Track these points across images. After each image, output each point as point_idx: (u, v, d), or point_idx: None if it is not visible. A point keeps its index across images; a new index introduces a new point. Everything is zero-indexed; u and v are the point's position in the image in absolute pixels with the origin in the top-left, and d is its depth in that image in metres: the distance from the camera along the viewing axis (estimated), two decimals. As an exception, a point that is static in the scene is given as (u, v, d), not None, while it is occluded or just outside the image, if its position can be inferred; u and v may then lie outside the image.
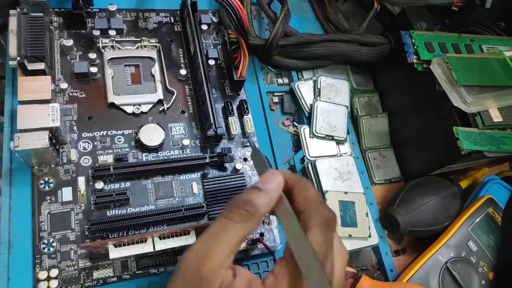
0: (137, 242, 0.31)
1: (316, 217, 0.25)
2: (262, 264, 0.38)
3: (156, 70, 0.42)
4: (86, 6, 0.42)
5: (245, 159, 0.42)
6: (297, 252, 0.24)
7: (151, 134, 0.38)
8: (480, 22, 0.48)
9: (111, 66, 0.41)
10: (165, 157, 0.39)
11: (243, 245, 0.37)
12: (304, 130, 0.46)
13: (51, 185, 0.35)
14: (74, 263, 0.33)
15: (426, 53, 0.43)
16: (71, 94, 0.39)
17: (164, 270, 0.35)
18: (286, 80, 0.50)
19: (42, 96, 0.34)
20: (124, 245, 0.31)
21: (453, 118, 0.41)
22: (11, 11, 0.36)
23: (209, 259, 0.23)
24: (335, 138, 0.46)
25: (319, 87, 0.48)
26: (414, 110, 0.47)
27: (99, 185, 0.35)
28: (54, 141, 0.34)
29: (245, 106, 0.43)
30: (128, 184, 0.37)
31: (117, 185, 0.36)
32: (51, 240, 0.33)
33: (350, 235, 0.41)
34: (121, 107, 0.39)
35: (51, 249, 0.33)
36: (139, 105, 0.40)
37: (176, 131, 0.40)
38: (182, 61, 0.44)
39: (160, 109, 0.41)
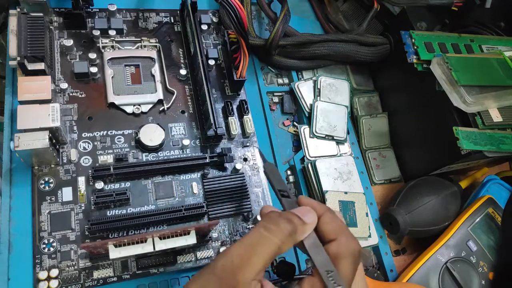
0: (137, 242, 0.31)
1: (347, 248, 0.27)
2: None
3: (156, 70, 0.42)
4: (86, 6, 0.42)
5: (245, 159, 0.42)
6: (326, 278, 0.25)
7: (151, 134, 0.38)
8: (480, 22, 0.48)
9: (111, 66, 0.41)
10: (165, 157, 0.39)
11: None
12: (304, 130, 0.46)
13: (51, 185, 0.35)
14: (74, 263, 0.33)
15: (426, 53, 0.43)
16: (71, 94, 0.39)
17: (164, 270, 0.35)
18: (286, 80, 0.50)
19: (42, 96, 0.34)
20: (124, 245, 0.31)
21: (453, 118, 0.41)
22: (11, 11, 0.36)
23: (246, 268, 0.24)
24: (335, 138, 0.46)
25: (319, 87, 0.48)
26: (414, 110, 0.47)
27: (99, 185, 0.35)
28: (54, 141, 0.34)
29: (245, 106, 0.43)
30: (128, 184, 0.37)
31: (117, 185, 0.36)
32: (51, 240, 0.33)
33: (350, 235, 0.41)
34: (121, 107, 0.39)
35: (51, 249, 0.33)
36: (139, 105, 0.40)
37: (176, 131, 0.40)
38: (182, 61, 0.44)
39: (160, 109, 0.41)
